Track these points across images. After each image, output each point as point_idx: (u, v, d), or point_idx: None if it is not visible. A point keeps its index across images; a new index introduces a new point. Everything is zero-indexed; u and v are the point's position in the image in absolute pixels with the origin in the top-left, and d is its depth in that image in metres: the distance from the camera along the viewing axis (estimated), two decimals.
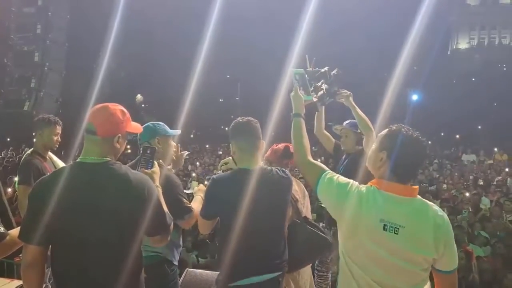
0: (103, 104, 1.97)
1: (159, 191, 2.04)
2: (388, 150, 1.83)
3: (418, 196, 1.85)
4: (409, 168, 1.84)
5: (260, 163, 2.44)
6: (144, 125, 2.86)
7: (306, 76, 2.64)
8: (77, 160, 1.94)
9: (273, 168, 2.45)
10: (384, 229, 1.75)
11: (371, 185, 1.87)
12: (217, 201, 2.37)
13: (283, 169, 2.49)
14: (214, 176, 2.48)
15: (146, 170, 2.17)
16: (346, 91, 3.35)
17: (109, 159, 1.91)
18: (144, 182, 1.90)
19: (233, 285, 2.30)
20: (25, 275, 1.85)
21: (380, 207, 1.77)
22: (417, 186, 1.89)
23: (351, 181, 1.93)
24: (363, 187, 1.87)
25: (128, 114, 2.01)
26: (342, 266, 1.90)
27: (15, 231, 2.04)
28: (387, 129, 1.92)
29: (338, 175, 1.98)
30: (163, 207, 1.98)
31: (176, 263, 2.92)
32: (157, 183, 2.16)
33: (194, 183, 9.17)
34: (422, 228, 1.75)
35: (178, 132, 2.94)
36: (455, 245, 1.82)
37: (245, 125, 2.44)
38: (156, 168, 2.22)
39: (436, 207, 1.84)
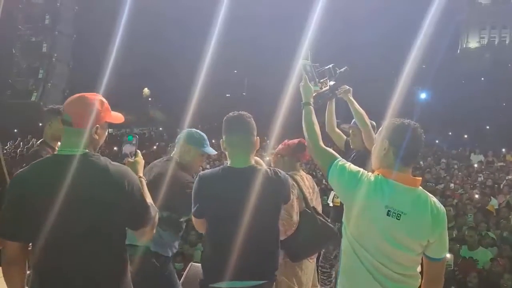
0: (80, 94, 1.89)
1: (142, 182, 1.98)
2: (389, 139, 1.97)
3: (420, 187, 2.00)
4: (410, 153, 1.97)
5: (252, 162, 2.32)
6: (200, 133, 2.96)
7: (313, 67, 2.64)
8: (55, 153, 1.88)
9: (266, 168, 2.33)
10: (387, 214, 1.89)
11: (378, 174, 1.99)
12: (201, 199, 2.27)
13: (276, 169, 2.38)
14: (200, 173, 2.36)
15: (129, 160, 2.08)
16: (346, 86, 3.35)
17: (87, 150, 1.84)
18: (124, 174, 1.83)
19: (212, 286, 2.23)
20: (6, 273, 1.79)
21: (386, 194, 1.91)
22: (420, 178, 2.03)
23: (361, 169, 2.04)
24: (371, 176, 1.99)
25: (107, 104, 1.92)
26: (346, 248, 2.02)
27: None
28: (387, 121, 2.06)
29: (349, 162, 2.09)
30: (145, 199, 1.89)
31: (167, 254, 2.87)
32: (141, 173, 2.08)
33: None
34: (422, 216, 1.90)
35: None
36: (447, 235, 1.98)
37: (236, 120, 2.31)
38: (139, 157, 2.13)
39: (434, 198, 1.99)
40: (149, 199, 1.94)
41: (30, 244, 1.83)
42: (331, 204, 3.89)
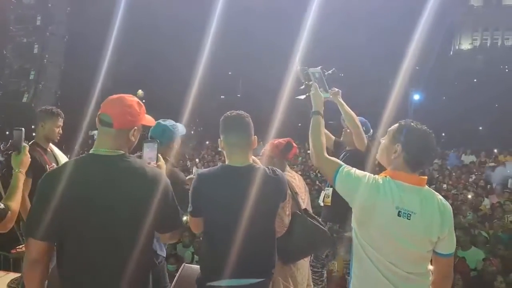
0: (118, 95, 1.88)
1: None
2: (402, 143, 2.00)
3: (426, 186, 2.04)
4: (422, 159, 2.01)
5: (250, 161, 2.31)
6: (161, 126, 2.90)
7: (322, 73, 2.67)
8: (90, 152, 1.84)
9: (264, 167, 2.32)
10: (398, 215, 1.92)
11: (385, 176, 2.03)
12: (199, 198, 2.25)
13: (274, 168, 2.38)
14: (199, 171, 2.36)
15: (153, 164, 2.09)
16: (335, 88, 3.38)
17: (123, 152, 1.83)
18: (160, 177, 1.83)
19: (210, 284, 2.22)
20: (28, 272, 1.75)
21: (395, 195, 1.95)
22: (426, 176, 2.05)
23: (367, 173, 2.07)
24: (379, 178, 2.03)
25: (143, 107, 1.93)
26: (357, 251, 2.04)
27: (14, 204, 1.99)
28: (398, 124, 2.08)
29: (354, 168, 2.12)
30: (176, 203, 1.90)
31: (162, 253, 2.89)
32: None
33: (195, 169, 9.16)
34: (431, 214, 1.95)
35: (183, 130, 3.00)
36: (454, 231, 2.03)
37: (234, 120, 2.31)
38: (161, 161, 2.14)
39: (440, 196, 2.04)
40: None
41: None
42: (322, 204, 3.92)
